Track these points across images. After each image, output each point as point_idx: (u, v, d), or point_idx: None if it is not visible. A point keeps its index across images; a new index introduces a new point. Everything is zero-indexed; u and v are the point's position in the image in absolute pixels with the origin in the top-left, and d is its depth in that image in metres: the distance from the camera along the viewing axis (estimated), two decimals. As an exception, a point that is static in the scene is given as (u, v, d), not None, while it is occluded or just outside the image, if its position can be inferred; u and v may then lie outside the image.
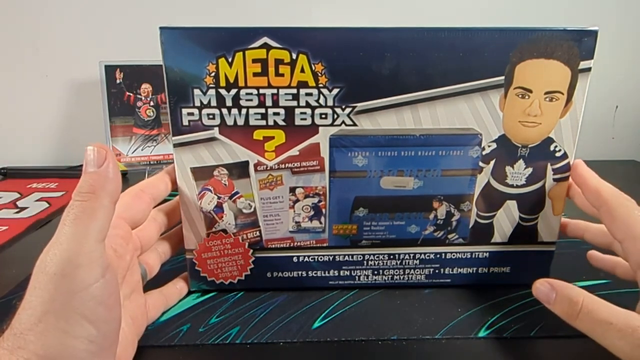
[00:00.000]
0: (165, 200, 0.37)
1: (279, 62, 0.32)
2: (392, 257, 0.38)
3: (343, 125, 0.34)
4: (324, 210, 0.37)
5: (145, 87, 0.73)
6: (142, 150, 0.74)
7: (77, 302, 0.22)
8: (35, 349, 0.21)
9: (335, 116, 0.34)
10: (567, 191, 0.37)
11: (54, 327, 0.22)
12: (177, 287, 0.37)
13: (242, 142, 0.34)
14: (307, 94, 0.33)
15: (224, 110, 0.33)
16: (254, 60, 0.32)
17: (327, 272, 0.39)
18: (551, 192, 0.37)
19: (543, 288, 0.30)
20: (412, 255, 0.38)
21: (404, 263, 0.39)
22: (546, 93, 0.34)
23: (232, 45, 0.32)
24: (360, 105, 0.33)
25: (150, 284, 0.35)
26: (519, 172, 0.36)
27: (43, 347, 0.22)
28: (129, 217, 0.31)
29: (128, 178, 0.74)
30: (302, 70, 0.32)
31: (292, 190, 0.36)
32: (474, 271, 0.39)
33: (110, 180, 0.24)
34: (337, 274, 0.39)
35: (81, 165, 0.24)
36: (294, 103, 0.33)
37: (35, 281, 0.22)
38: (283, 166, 0.35)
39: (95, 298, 0.23)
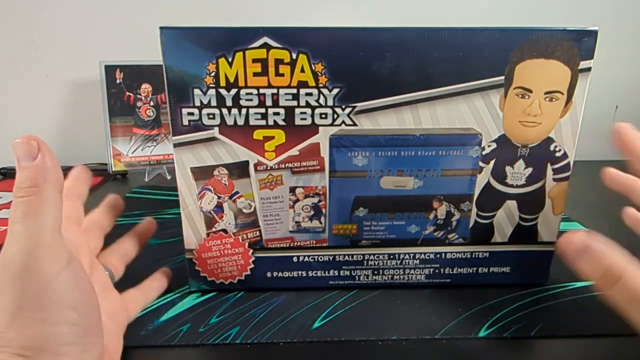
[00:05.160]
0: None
1: (279, 62, 0.32)
2: (392, 257, 0.38)
3: (343, 125, 0.34)
4: (324, 210, 0.37)
5: (145, 87, 0.72)
6: (142, 150, 0.74)
7: (50, 292, 0.22)
8: (20, 343, 0.22)
9: (335, 116, 0.34)
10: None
11: (32, 319, 0.22)
12: (156, 284, 0.37)
13: (242, 142, 0.34)
14: (307, 94, 0.33)
15: (224, 110, 0.33)
16: (254, 60, 0.32)
17: (327, 272, 0.39)
18: (551, 192, 0.37)
19: (575, 241, 0.25)
20: (412, 255, 0.38)
21: (404, 263, 0.39)
22: (546, 93, 0.34)
23: (232, 45, 0.32)
24: (360, 105, 0.33)
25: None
26: (519, 172, 0.36)
27: (28, 340, 0.22)
28: (68, 216, 0.31)
29: (128, 178, 0.74)
30: (302, 70, 0.32)
31: (292, 190, 0.36)
32: (474, 271, 0.39)
33: (50, 170, 0.23)
34: (337, 274, 0.39)
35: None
36: (294, 103, 0.33)
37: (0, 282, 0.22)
38: (283, 166, 0.35)
39: (67, 284, 0.23)
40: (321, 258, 0.38)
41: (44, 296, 0.22)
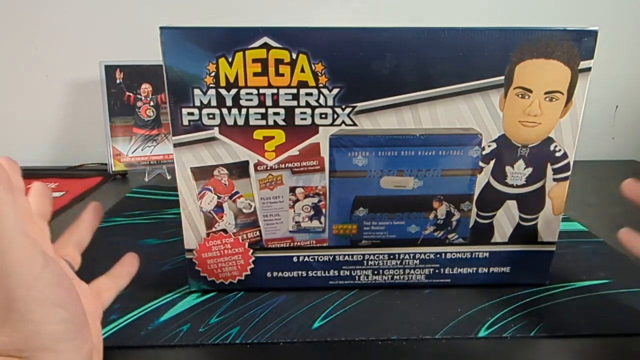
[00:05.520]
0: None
1: (279, 62, 0.32)
2: (392, 257, 0.38)
3: (343, 125, 0.34)
4: (324, 210, 0.37)
5: (145, 87, 0.73)
6: (142, 150, 0.74)
7: (36, 293, 0.22)
8: (15, 346, 0.22)
9: (335, 116, 0.34)
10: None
11: (23, 321, 0.22)
12: (126, 269, 0.35)
13: (242, 142, 0.34)
14: (307, 94, 0.33)
15: (224, 110, 0.33)
16: (254, 60, 0.32)
17: (327, 272, 0.39)
18: (551, 192, 0.37)
19: None
20: (412, 255, 0.38)
21: (404, 263, 0.39)
22: (546, 93, 0.34)
23: (232, 45, 0.32)
24: (360, 105, 0.33)
25: (152, 285, 0.35)
26: (519, 172, 0.36)
27: (23, 342, 0.22)
28: (22, 211, 0.29)
29: (128, 178, 0.74)
30: (302, 70, 0.32)
31: (292, 190, 0.36)
32: (474, 271, 0.39)
33: None
34: (337, 274, 0.39)
35: (81, 165, 0.23)
36: (294, 103, 0.33)
37: None
38: (283, 166, 0.35)
39: (50, 283, 0.23)
40: (321, 258, 0.38)
41: (29, 298, 0.22)
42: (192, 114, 0.33)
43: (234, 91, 0.33)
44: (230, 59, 0.32)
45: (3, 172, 0.22)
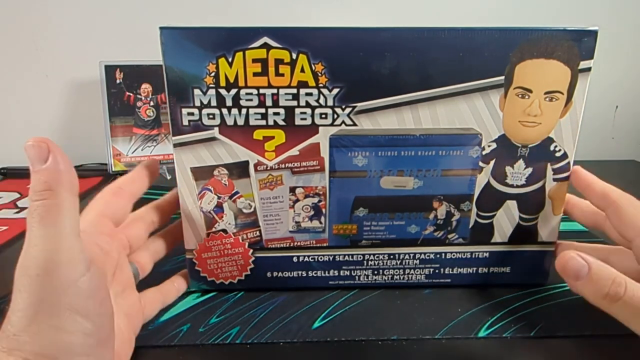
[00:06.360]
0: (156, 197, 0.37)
1: (279, 62, 0.32)
2: (392, 257, 0.38)
3: (343, 125, 0.34)
4: (324, 210, 0.37)
5: (145, 87, 0.73)
6: (142, 150, 0.74)
7: (66, 299, 0.22)
8: (33, 349, 0.22)
9: (335, 116, 0.34)
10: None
11: (47, 326, 0.22)
12: (175, 285, 0.37)
13: (242, 142, 0.34)
14: (307, 94, 0.33)
15: (224, 110, 0.33)
16: (254, 60, 0.32)
17: (327, 272, 0.39)
18: (551, 192, 0.37)
19: (575, 261, 0.26)
20: (412, 255, 0.38)
21: (404, 263, 0.39)
22: (546, 93, 0.34)
23: (232, 45, 0.32)
24: (360, 105, 0.33)
25: (152, 285, 0.35)
26: (519, 172, 0.36)
27: (40, 347, 0.22)
28: (110, 214, 0.31)
29: (128, 178, 0.74)
30: (302, 70, 0.32)
31: (292, 190, 0.36)
32: (474, 271, 0.39)
33: (63, 173, 0.23)
34: (337, 274, 0.39)
35: (81, 166, 0.23)
36: (294, 103, 0.33)
37: (19, 284, 0.22)
38: (283, 166, 0.35)
39: (83, 292, 0.23)
40: (321, 258, 0.38)
41: (60, 303, 0.22)
42: (192, 114, 0.33)
43: (234, 91, 0.33)
44: (230, 59, 0.32)
45: (71, 175, 0.23)
